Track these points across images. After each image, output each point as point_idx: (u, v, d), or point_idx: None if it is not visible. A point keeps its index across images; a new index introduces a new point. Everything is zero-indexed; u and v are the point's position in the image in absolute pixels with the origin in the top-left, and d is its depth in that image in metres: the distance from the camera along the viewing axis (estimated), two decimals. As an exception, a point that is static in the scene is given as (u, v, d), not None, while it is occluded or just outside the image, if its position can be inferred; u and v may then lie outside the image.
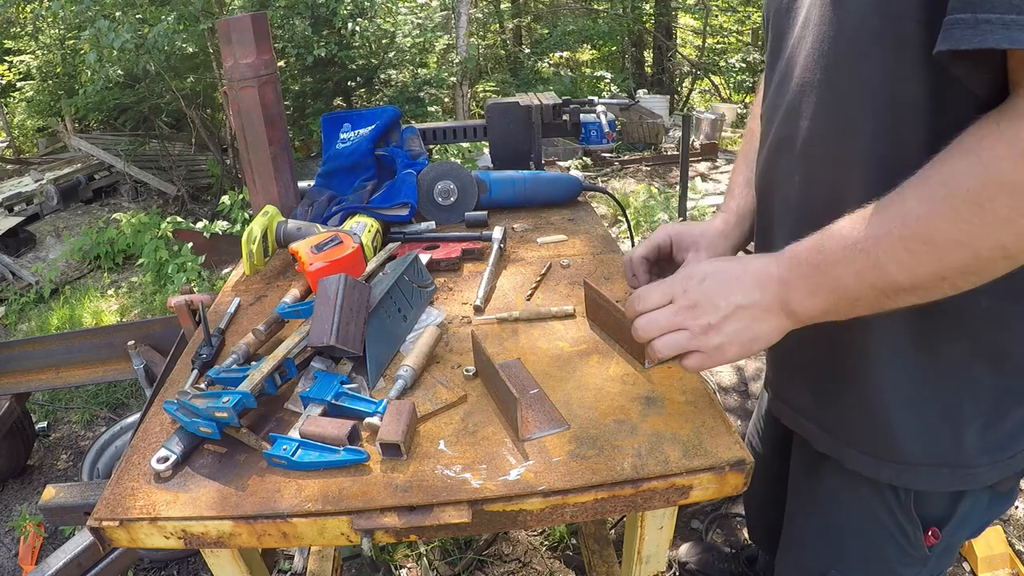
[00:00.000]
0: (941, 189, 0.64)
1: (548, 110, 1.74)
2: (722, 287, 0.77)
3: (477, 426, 0.89)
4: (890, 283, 0.68)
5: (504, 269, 1.33)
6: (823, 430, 0.95)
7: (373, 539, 0.78)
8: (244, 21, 1.40)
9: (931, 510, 0.89)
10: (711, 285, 0.78)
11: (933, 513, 0.89)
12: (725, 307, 0.77)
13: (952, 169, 0.64)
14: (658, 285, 0.82)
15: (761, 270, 0.77)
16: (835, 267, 0.71)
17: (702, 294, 0.78)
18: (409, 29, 6.92)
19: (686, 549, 1.90)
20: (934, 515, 0.89)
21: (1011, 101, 0.61)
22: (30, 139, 8.45)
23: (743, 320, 0.77)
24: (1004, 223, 0.61)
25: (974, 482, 0.85)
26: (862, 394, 0.87)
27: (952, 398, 0.82)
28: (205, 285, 4.05)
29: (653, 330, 0.80)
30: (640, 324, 0.81)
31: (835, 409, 0.93)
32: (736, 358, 0.80)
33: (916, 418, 0.84)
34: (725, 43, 11.38)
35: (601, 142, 1.81)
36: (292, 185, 1.58)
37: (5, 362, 2.15)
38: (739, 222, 1.08)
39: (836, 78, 0.77)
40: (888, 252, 0.67)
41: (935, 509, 0.89)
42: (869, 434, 0.88)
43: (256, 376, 0.92)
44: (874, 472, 0.89)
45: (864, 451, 0.90)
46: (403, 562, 1.97)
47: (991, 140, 0.61)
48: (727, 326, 0.77)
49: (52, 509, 1.27)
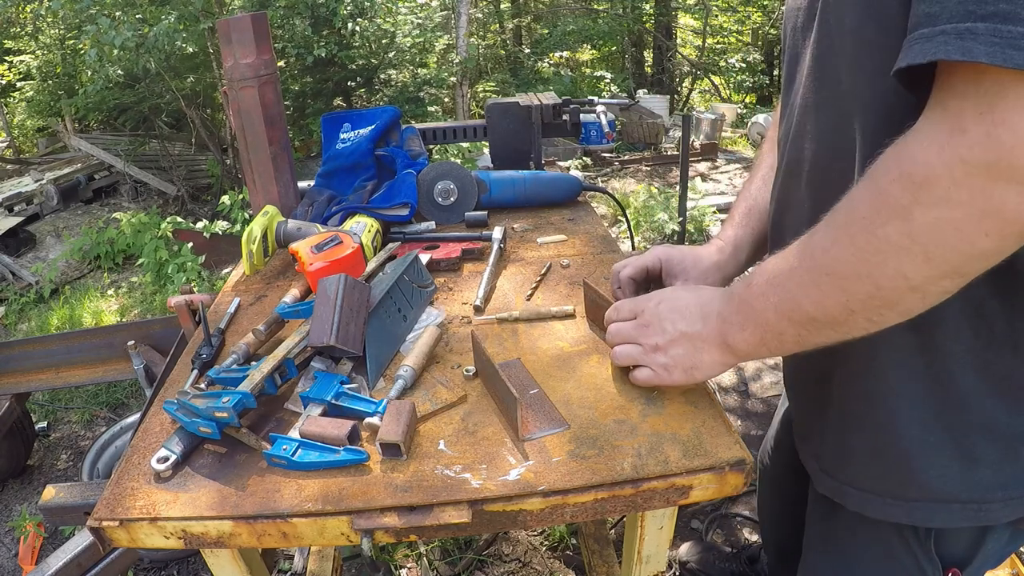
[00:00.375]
0: (842, 218, 0.63)
1: (548, 110, 1.74)
2: (671, 312, 0.83)
3: (477, 426, 0.89)
4: (804, 316, 0.68)
5: (504, 269, 1.33)
6: (823, 471, 0.91)
7: (373, 539, 0.78)
8: (244, 21, 1.40)
9: (952, 550, 0.85)
10: (664, 309, 0.84)
11: (953, 553, 0.85)
12: (671, 331, 0.83)
13: (853, 198, 0.63)
14: (633, 300, 0.90)
15: (707, 303, 0.81)
16: (758, 300, 0.72)
17: (655, 315, 0.85)
18: (409, 29, 6.92)
19: (686, 548, 1.90)
20: (954, 555, 0.85)
21: (917, 121, 0.58)
22: (30, 139, 8.45)
23: (685, 347, 0.82)
24: (898, 251, 0.58)
25: (988, 519, 0.80)
26: (870, 430, 0.82)
27: (964, 433, 0.77)
28: (205, 285, 4.05)
29: (615, 339, 0.89)
30: (610, 331, 0.91)
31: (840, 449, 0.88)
32: (680, 382, 0.85)
33: (927, 454, 0.79)
34: (725, 43, 11.39)
35: (601, 142, 1.81)
36: (292, 185, 1.58)
37: (5, 362, 2.15)
38: (735, 252, 1.06)
39: (833, 98, 0.75)
40: (799, 285, 0.67)
41: (956, 549, 0.85)
42: (877, 472, 0.83)
43: (256, 376, 0.92)
44: (881, 513, 0.84)
45: (868, 489, 0.85)
46: (403, 562, 1.97)
47: (884, 163, 0.59)
48: (672, 349, 0.83)
49: (52, 509, 1.26)
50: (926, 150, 0.55)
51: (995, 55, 0.50)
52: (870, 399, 0.81)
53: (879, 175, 0.59)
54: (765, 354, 0.76)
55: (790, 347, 0.72)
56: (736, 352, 0.78)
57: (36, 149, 8.10)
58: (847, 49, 0.70)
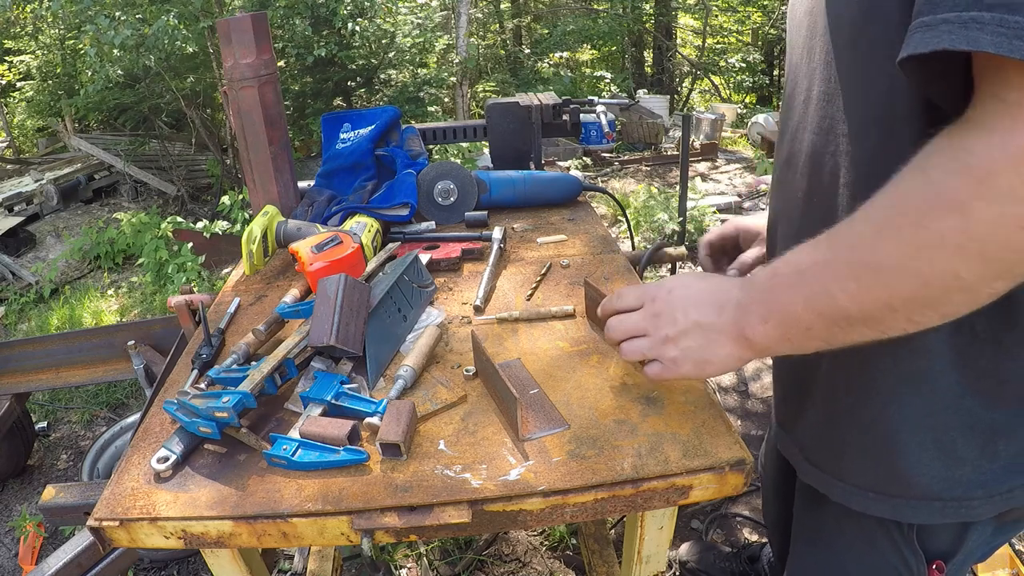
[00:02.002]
0: (889, 211, 0.59)
1: (548, 110, 1.74)
2: (684, 302, 0.78)
3: (477, 426, 0.89)
4: (839, 311, 0.63)
5: (504, 269, 1.33)
6: (808, 461, 0.91)
7: (373, 539, 0.78)
8: (244, 21, 1.40)
9: (936, 544, 0.85)
10: (676, 298, 0.79)
11: (938, 547, 0.85)
12: (683, 322, 0.77)
13: (900, 189, 0.59)
14: (636, 288, 0.84)
15: (724, 291, 0.76)
16: (785, 291, 0.68)
17: (666, 305, 0.79)
18: (409, 29, 6.92)
19: (686, 548, 1.90)
20: (939, 549, 0.85)
21: (965, 112, 0.56)
22: (30, 139, 8.45)
23: (698, 339, 0.76)
24: (953, 248, 0.54)
25: (970, 515, 0.80)
26: (857, 425, 0.82)
27: (945, 431, 0.77)
28: (205, 285, 4.05)
29: (619, 333, 0.82)
30: (611, 324, 0.83)
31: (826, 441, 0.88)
32: (691, 375, 0.80)
33: (912, 453, 0.79)
34: (725, 43, 11.39)
35: (601, 142, 1.81)
36: (292, 185, 1.58)
37: (5, 362, 2.15)
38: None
39: (829, 89, 0.75)
40: (836, 279, 0.62)
41: (939, 543, 0.85)
42: (862, 467, 0.84)
43: (256, 376, 0.92)
44: (865, 507, 0.84)
45: (853, 483, 0.85)
46: (403, 562, 1.97)
47: (939, 156, 0.56)
48: (683, 341, 0.77)
49: (52, 509, 1.26)
50: (987, 142, 0.52)
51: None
52: (857, 393, 0.81)
53: (931, 167, 0.56)
54: (786, 350, 0.71)
55: (816, 344, 0.68)
56: (754, 346, 0.73)
57: (36, 149, 8.10)
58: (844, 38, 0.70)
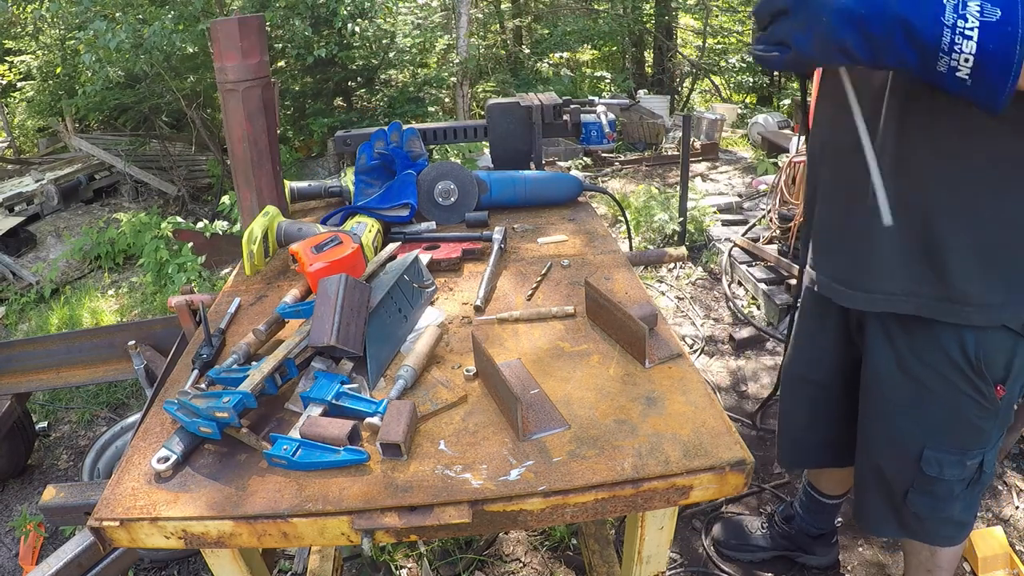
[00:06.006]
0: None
1: (548, 110, 1.74)
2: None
3: (477, 426, 0.89)
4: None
5: (504, 269, 1.33)
6: (855, 289, 1.14)
7: (373, 539, 0.78)
8: (231, 25, 1.36)
9: (994, 371, 1.09)
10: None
11: (996, 374, 1.10)
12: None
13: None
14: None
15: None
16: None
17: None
18: (409, 29, 6.92)
19: (719, 529, 1.94)
20: (996, 375, 1.10)
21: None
22: (30, 139, 8.45)
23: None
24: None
25: (1008, 319, 1.04)
26: (924, 246, 1.04)
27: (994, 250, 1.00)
28: (205, 285, 4.05)
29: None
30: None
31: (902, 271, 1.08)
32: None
33: (963, 261, 1.01)
34: (725, 43, 11.37)
35: (601, 142, 1.81)
36: (276, 187, 1.55)
37: (5, 362, 2.15)
38: None
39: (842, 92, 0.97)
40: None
41: (997, 370, 1.09)
42: (932, 280, 1.05)
43: (256, 376, 0.92)
44: (932, 312, 1.06)
45: (922, 294, 1.07)
46: (403, 562, 1.97)
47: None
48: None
49: (52, 509, 1.27)
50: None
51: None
52: (925, 217, 1.02)
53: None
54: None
55: None
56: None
57: (36, 149, 8.10)
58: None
